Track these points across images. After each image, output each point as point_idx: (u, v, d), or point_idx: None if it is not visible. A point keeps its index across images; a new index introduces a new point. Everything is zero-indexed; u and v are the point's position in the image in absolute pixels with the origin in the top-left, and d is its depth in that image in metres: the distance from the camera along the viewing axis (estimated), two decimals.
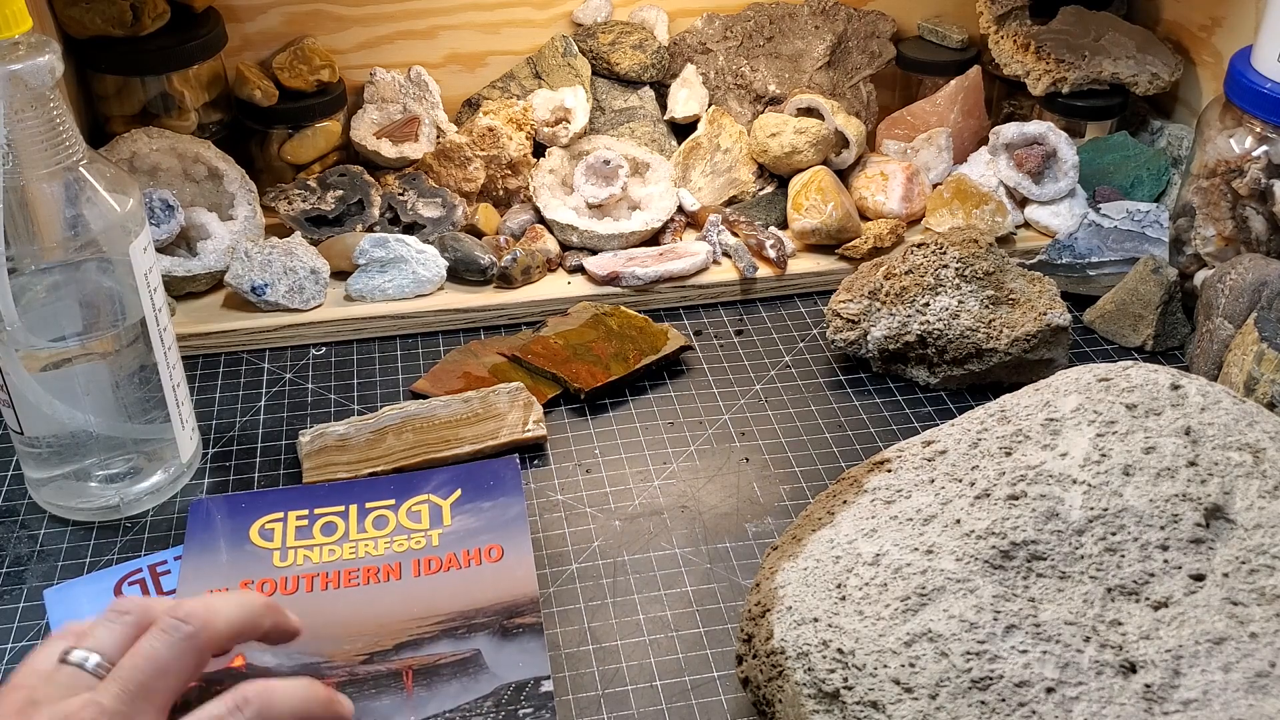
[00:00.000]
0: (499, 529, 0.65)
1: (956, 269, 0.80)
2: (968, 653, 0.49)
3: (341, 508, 0.67)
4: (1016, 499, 0.54)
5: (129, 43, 0.90)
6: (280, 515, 0.67)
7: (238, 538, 0.65)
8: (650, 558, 0.68)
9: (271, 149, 0.98)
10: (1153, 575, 0.51)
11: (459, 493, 0.67)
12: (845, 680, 0.50)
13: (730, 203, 0.98)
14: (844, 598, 0.53)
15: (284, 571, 0.63)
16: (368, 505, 0.67)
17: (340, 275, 0.89)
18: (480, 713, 0.55)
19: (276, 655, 0.58)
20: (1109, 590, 0.51)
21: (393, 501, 0.67)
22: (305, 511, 0.67)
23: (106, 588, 0.65)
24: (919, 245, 0.82)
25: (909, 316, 0.80)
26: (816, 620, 0.52)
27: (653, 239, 0.94)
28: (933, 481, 0.57)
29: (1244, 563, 0.51)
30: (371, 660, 0.58)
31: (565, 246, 0.93)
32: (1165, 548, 0.52)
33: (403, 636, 0.59)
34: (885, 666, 0.49)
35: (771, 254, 0.91)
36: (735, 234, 0.93)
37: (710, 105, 1.03)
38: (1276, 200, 0.82)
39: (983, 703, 0.48)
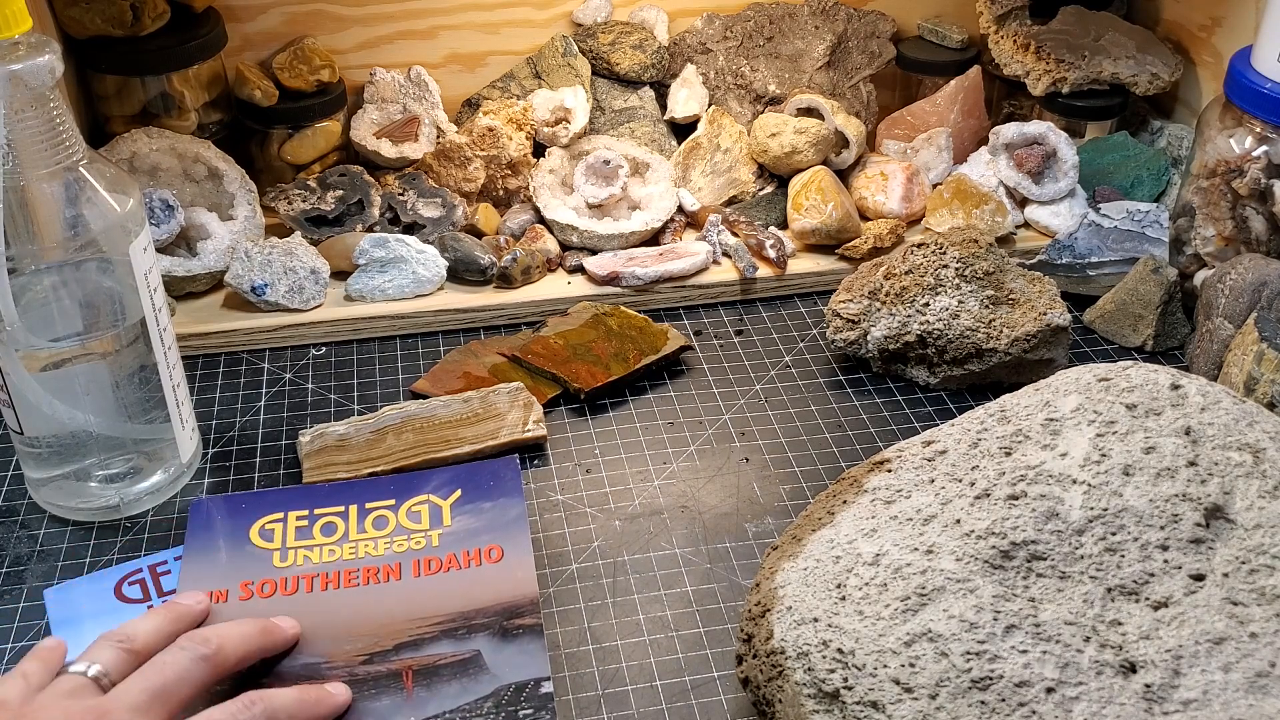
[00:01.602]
0: (499, 529, 0.65)
1: (956, 269, 0.80)
2: (968, 653, 0.49)
3: (341, 508, 0.67)
4: (1016, 499, 0.54)
5: (129, 43, 0.90)
6: (280, 515, 0.67)
7: (238, 538, 0.65)
8: (650, 558, 0.68)
9: (271, 149, 0.98)
10: (1153, 575, 0.51)
11: (459, 493, 0.67)
12: (845, 680, 0.50)
13: (730, 203, 0.98)
14: (844, 598, 0.53)
15: (284, 572, 0.63)
16: (368, 505, 0.67)
17: (340, 275, 0.89)
18: (480, 713, 0.55)
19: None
20: (1109, 590, 0.51)
21: (393, 502, 0.67)
22: (305, 512, 0.67)
23: (106, 588, 0.65)
24: (919, 245, 0.82)
25: (909, 316, 0.80)
26: (816, 620, 0.52)
27: (653, 239, 0.94)
28: (933, 481, 0.57)
29: (1244, 563, 0.51)
30: (371, 661, 0.58)
31: (565, 246, 0.93)
32: (1165, 548, 0.52)
33: (403, 637, 0.59)
34: (885, 666, 0.49)
35: (771, 254, 0.91)
36: (735, 234, 0.93)
37: (710, 105, 1.03)
38: (1276, 200, 0.82)
39: (983, 703, 0.48)
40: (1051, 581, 0.51)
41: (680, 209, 0.96)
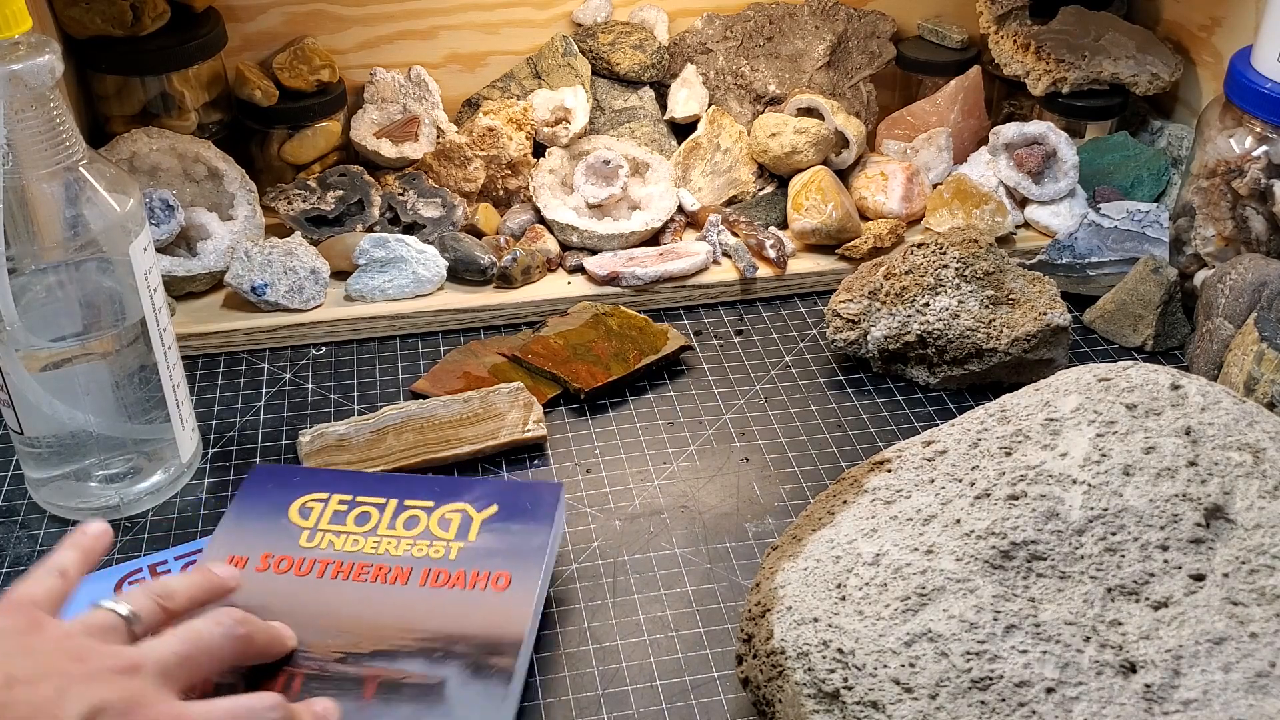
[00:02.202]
0: (516, 556, 0.63)
1: (956, 269, 0.80)
2: (968, 653, 0.49)
3: (382, 500, 0.66)
4: (1016, 499, 0.54)
5: (129, 43, 0.90)
6: (325, 496, 0.66)
7: (278, 510, 0.65)
8: (650, 558, 0.68)
9: (271, 149, 0.98)
10: (1153, 575, 0.51)
11: (495, 509, 0.65)
12: (845, 680, 0.50)
13: (730, 203, 0.98)
14: (844, 598, 0.53)
15: (306, 553, 0.62)
16: (407, 503, 0.66)
17: (340, 275, 0.89)
18: None
19: None
20: (1109, 590, 0.51)
21: (431, 504, 0.66)
22: (349, 497, 0.66)
23: (107, 588, 0.65)
24: (919, 245, 0.82)
25: (909, 316, 0.80)
26: (816, 620, 0.52)
27: (653, 239, 0.94)
28: (933, 481, 0.57)
29: (1244, 563, 0.51)
30: (345, 660, 0.57)
31: (565, 246, 0.93)
32: (1165, 548, 0.52)
33: (382, 644, 0.58)
34: (885, 666, 0.49)
35: (771, 254, 0.91)
36: (735, 234, 0.93)
37: (710, 105, 1.03)
38: (1276, 200, 0.82)
39: (983, 703, 0.48)
40: (1051, 581, 0.51)
41: (680, 209, 0.96)
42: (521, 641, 0.58)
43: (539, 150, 0.98)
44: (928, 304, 0.80)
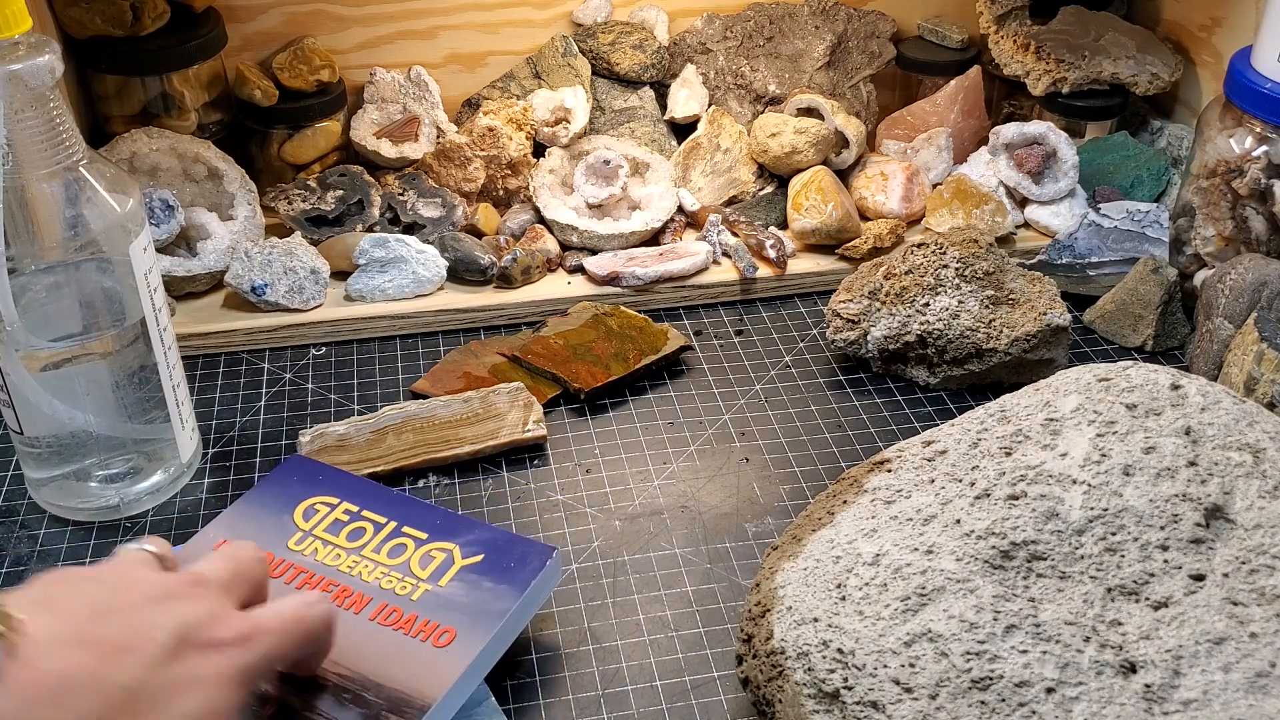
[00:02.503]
0: (471, 614, 0.59)
1: (956, 269, 0.80)
2: (968, 653, 0.49)
3: (384, 519, 0.64)
4: (1016, 499, 0.54)
5: (129, 43, 0.90)
6: (336, 500, 0.65)
7: (289, 504, 0.64)
8: (650, 558, 0.68)
9: (271, 149, 0.98)
10: (1153, 575, 0.51)
11: (480, 558, 0.62)
12: (845, 680, 0.50)
13: (730, 203, 0.98)
14: (844, 598, 0.53)
15: (287, 555, 0.61)
16: (404, 529, 0.64)
17: (340, 275, 0.89)
18: None
19: None
20: (1109, 590, 0.51)
21: (424, 536, 0.63)
22: (355, 508, 0.64)
23: None
24: (919, 245, 0.82)
25: (909, 316, 0.80)
26: (816, 620, 0.52)
27: (653, 239, 0.94)
28: (933, 481, 0.57)
29: (1244, 563, 0.51)
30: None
31: (565, 246, 0.93)
32: (1165, 548, 0.52)
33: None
34: (885, 666, 0.49)
35: (771, 254, 0.91)
36: (735, 234, 0.93)
37: (710, 105, 1.03)
38: (1276, 200, 0.82)
39: (983, 703, 0.48)
40: (1051, 581, 0.51)
41: (680, 209, 0.96)
42: (428, 709, 0.54)
43: (539, 150, 0.98)
44: (928, 304, 0.80)
